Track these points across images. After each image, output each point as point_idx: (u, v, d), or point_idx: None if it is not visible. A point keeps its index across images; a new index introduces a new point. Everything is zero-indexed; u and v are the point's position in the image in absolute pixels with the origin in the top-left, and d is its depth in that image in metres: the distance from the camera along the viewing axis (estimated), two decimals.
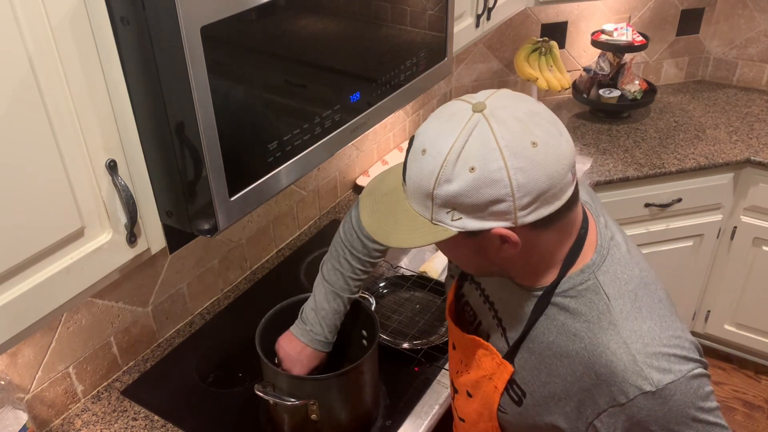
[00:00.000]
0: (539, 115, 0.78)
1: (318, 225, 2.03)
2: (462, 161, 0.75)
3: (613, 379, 0.82)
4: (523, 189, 0.75)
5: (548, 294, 0.87)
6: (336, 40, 1.14)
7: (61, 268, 0.90)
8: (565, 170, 0.77)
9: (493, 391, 0.97)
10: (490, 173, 0.74)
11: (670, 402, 0.80)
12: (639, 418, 0.82)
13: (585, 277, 0.86)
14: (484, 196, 0.75)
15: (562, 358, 0.87)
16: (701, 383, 0.83)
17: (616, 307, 0.84)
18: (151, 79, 0.88)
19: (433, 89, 2.48)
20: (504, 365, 0.94)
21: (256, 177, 1.04)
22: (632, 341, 0.82)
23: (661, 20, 2.71)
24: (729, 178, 2.33)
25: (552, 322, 0.88)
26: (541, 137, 0.75)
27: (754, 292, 2.48)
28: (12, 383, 1.26)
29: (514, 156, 0.74)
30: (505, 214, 0.76)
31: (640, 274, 0.88)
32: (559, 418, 0.90)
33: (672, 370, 0.81)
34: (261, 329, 1.27)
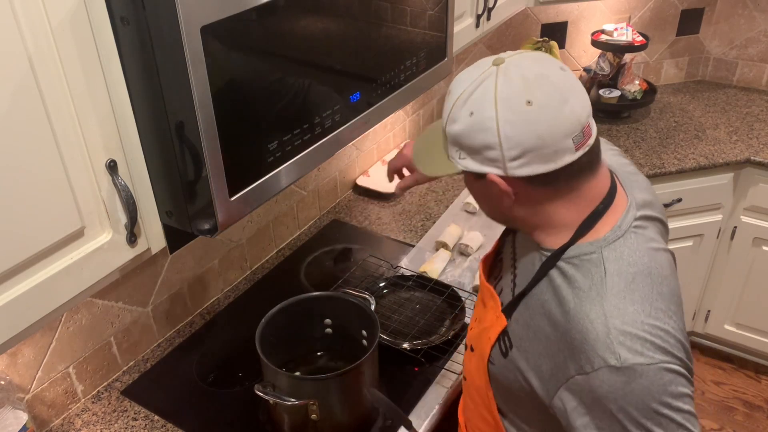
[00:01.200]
0: (547, 80, 0.82)
1: (318, 225, 2.03)
2: (466, 105, 0.84)
3: (584, 346, 0.83)
4: (510, 141, 0.81)
5: (555, 257, 0.90)
6: (336, 40, 1.14)
7: (61, 268, 0.90)
8: (560, 136, 0.81)
9: (487, 342, 1.00)
10: (483, 120, 0.82)
11: (633, 384, 0.80)
12: (600, 393, 0.82)
13: (591, 249, 0.88)
14: (478, 140, 0.83)
15: (548, 318, 0.89)
16: (675, 380, 0.81)
17: (609, 282, 0.85)
18: (151, 79, 0.88)
19: (433, 89, 2.48)
20: (500, 318, 0.98)
21: (256, 177, 1.04)
22: (612, 316, 0.82)
23: (661, 20, 2.71)
24: (729, 178, 2.33)
25: (550, 283, 0.90)
26: (539, 99, 0.81)
27: (754, 292, 2.48)
28: (12, 383, 1.26)
29: (507, 109, 0.81)
30: (496, 161, 0.84)
31: (650, 264, 0.88)
32: (534, 377, 0.92)
33: (643, 354, 0.80)
34: (261, 329, 1.27)
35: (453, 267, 1.79)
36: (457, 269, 1.78)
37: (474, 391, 1.11)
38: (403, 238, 1.94)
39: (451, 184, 2.20)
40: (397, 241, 1.93)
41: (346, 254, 1.87)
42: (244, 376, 1.48)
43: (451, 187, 2.19)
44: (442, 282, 1.68)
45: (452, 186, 2.19)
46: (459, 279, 1.74)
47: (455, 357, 1.48)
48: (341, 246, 1.91)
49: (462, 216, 2.02)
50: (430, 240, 1.91)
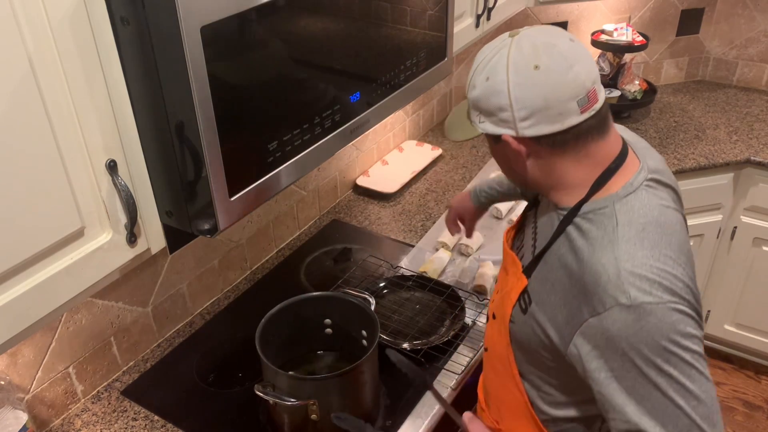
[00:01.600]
0: (555, 48, 0.90)
1: (318, 225, 2.03)
2: (484, 72, 0.94)
3: (596, 288, 0.88)
4: (519, 102, 0.90)
5: (572, 214, 0.97)
6: (336, 40, 1.14)
7: (61, 268, 0.90)
8: (564, 98, 0.89)
9: (509, 303, 1.06)
10: (496, 84, 0.92)
11: (643, 322, 0.84)
12: (611, 332, 0.87)
13: (604, 203, 0.94)
14: (492, 103, 0.93)
15: (563, 268, 0.95)
16: (683, 320, 0.86)
17: (621, 231, 0.91)
18: (151, 78, 0.88)
19: (433, 89, 2.48)
20: (521, 278, 1.04)
21: (256, 177, 1.04)
22: (623, 260, 0.88)
23: (661, 20, 2.71)
24: (729, 178, 2.33)
25: (566, 238, 0.96)
26: (546, 64, 0.89)
27: (754, 292, 2.48)
28: (12, 383, 1.26)
29: (516, 73, 0.90)
30: (508, 122, 0.92)
31: (660, 217, 0.93)
32: (551, 327, 0.97)
33: (652, 293, 0.85)
34: (261, 329, 1.27)
35: (453, 267, 1.79)
36: (457, 269, 1.78)
37: (495, 359, 1.16)
38: (403, 238, 1.94)
39: (451, 184, 2.20)
40: (397, 241, 1.93)
41: (346, 254, 1.87)
42: (244, 376, 1.48)
43: (451, 187, 2.19)
44: (442, 282, 1.68)
45: (452, 186, 2.19)
46: (459, 279, 1.74)
47: (455, 357, 1.48)
48: (341, 246, 1.91)
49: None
50: (430, 240, 1.91)
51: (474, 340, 1.53)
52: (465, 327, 1.56)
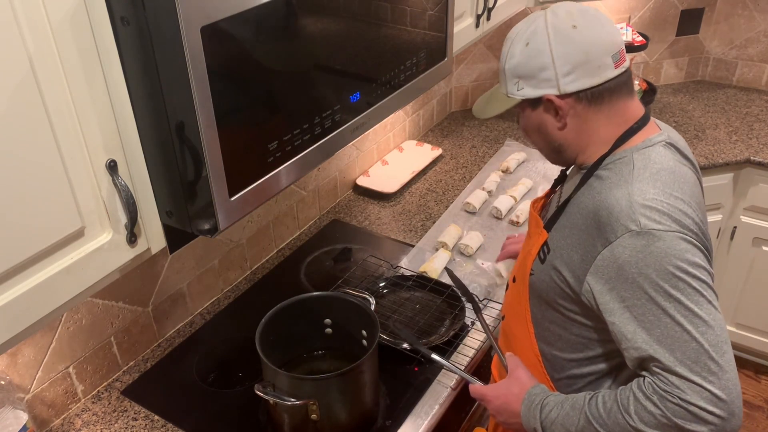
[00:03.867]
0: (587, 11, 1.00)
1: (318, 225, 2.03)
2: (522, 39, 1.02)
3: (609, 219, 0.95)
4: (561, 58, 0.98)
5: (593, 168, 1.04)
6: (336, 40, 1.14)
7: (62, 268, 0.90)
8: (601, 53, 0.98)
9: (529, 258, 1.12)
10: (537, 45, 1.00)
11: (652, 247, 0.90)
12: (622, 259, 0.92)
13: (623, 154, 1.02)
14: (535, 64, 1.00)
15: (581, 212, 1.02)
16: (691, 249, 0.91)
17: (636, 173, 0.98)
18: (151, 79, 0.88)
19: (433, 89, 2.48)
20: (542, 233, 1.10)
21: (256, 177, 1.04)
22: (635, 194, 0.94)
23: (661, 20, 2.71)
24: (729, 178, 2.33)
25: (587, 188, 1.03)
26: (581, 23, 0.98)
27: (754, 292, 2.48)
28: (12, 383, 1.26)
29: (556, 33, 0.99)
30: (550, 80, 1.00)
31: (674, 167, 1.00)
32: (567, 269, 1.03)
33: (661, 222, 0.91)
34: (261, 329, 1.27)
35: (453, 267, 1.79)
36: (457, 269, 1.78)
37: (513, 323, 1.21)
38: (403, 238, 1.94)
39: (451, 185, 2.20)
40: (397, 241, 1.93)
41: (346, 254, 1.87)
42: (244, 376, 1.48)
43: (451, 187, 2.19)
44: (442, 282, 1.68)
45: (452, 186, 2.19)
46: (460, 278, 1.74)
47: (455, 357, 1.48)
48: (341, 246, 1.91)
49: (462, 216, 2.02)
50: (430, 240, 1.91)
51: (474, 340, 1.53)
52: (465, 327, 1.56)
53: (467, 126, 2.59)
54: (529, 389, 1.10)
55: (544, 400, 1.06)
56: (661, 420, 0.91)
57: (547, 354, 1.15)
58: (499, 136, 2.50)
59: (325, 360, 1.44)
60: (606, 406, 0.97)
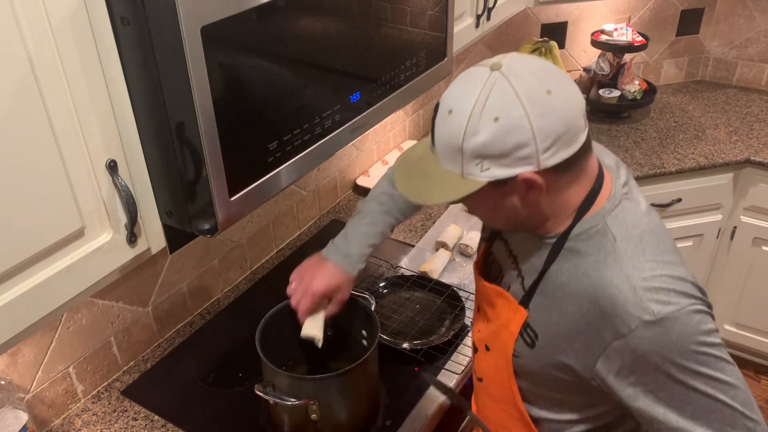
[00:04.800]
0: (550, 69, 0.87)
1: (318, 225, 2.03)
2: (486, 113, 0.83)
3: (615, 311, 0.86)
4: (543, 132, 0.83)
5: (562, 239, 0.94)
6: (336, 40, 1.14)
7: (62, 268, 0.90)
8: (578, 115, 0.86)
9: (509, 337, 1.02)
10: (512, 120, 0.83)
11: (671, 332, 0.84)
12: (642, 350, 0.85)
13: (595, 221, 0.92)
14: (510, 142, 0.83)
15: (571, 297, 0.92)
16: (703, 319, 0.87)
17: (621, 246, 0.90)
18: (151, 79, 0.88)
19: (433, 89, 2.48)
20: (519, 310, 1.00)
21: (256, 177, 1.04)
22: (633, 276, 0.87)
23: (661, 20, 2.71)
24: (729, 178, 2.33)
25: (564, 264, 0.94)
26: (555, 86, 0.84)
27: (754, 292, 2.48)
28: (12, 383, 1.26)
29: (533, 103, 0.83)
30: (529, 158, 0.84)
31: (649, 223, 0.94)
32: (569, 357, 0.94)
33: (672, 302, 0.85)
34: (261, 329, 1.27)
35: (453, 267, 1.79)
36: (457, 269, 1.78)
37: (495, 390, 1.12)
38: (403, 238, 1.94)
39: None
40: (397, 241, 1.93)
41: None
42: (244, 376, 1.48)
43: None
44: (442, 282, 1.68)
45: None
46: (459, 279, 1.74)
47: (455, 357, 1.48)
48: None
49: (462, 216, 2.02)
50: (430, 240, 1.91)
51: None
52: (465, 327, 1.56)
53: None
54: None
55: None
56: None
57: (536, 416, 1.08)
58: None
59: (325, 360, 1.44)
60: None
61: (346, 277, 1.26)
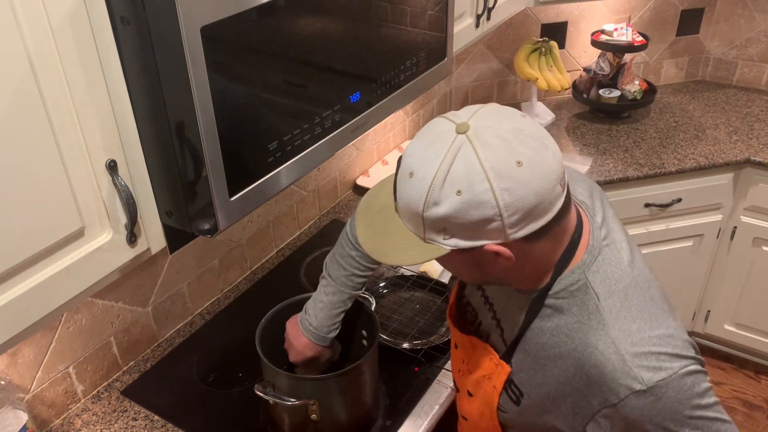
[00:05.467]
0: (523, 132, 0.77)
1: (318, 225, 2.03)
2: (448, 184, 0.76)
3: (603, 379, 0.83)
4: (511, 208, 0.75)
5: (542, 296, 0.88)
6: (336, 40, 1.14)
7: (62, 268, 0.90)
8: (553, 184, 0.77)
9: (492, 390, 0.99)
10: (476, 195, 0.75)
11: (663, 400, 0.81)
12: (633, 418, 0.82)
13: (576, 277, 0.86)
14: (473, 216, 0.76)
15: (555, 359, 0.88)
16: (696, 380, 0.83)
17: (605, 306, 0.84)
18: (151, 79, 0.88)
19: (433, 89, 2.48)
20: (501, 365, 0.96)
21: (256, 177, 1.04)
22: (621, 341, 0.82)
23: (661, 20, 2.71)
24: (729, 178, 2.33)
25: (545, 323, 0.89)
26: (526, 155, 0.75)
27: (754, 292, 2.48)
28: (12, 383, 1.26)
29: (499, 177, 0.74)
30: (496, 231, 0.77)
31: (632, 273, 0.88)
32: (556, 418, 0.91)
33: (663, 368, 0.81)
34: (261, 329, 1.27)
35: None
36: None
37: (481, 429, 1.09)
38: None
39: None
40: None
41: None
42: (244, 376, 1.48)
43: None
44: (442, 282, 1.68)
45: None
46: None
47: None
48: None
49: None
50: None
51: None
52: None
53: None
54: None
55: None
56: None
57: None
58: None
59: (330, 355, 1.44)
60: None
61: (320, 348, 1.28)
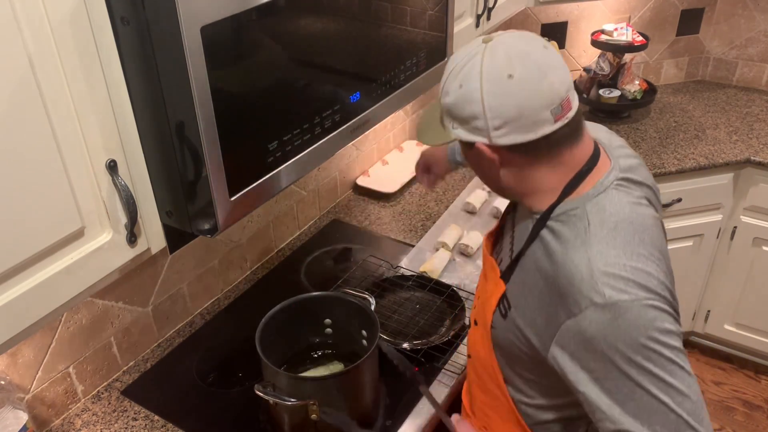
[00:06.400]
0: (529, 56, 0.89)
1: (318, 225, 2.03)
2: (454, 78, 0.92)
3: (570, 289, 0.88)
4: (493, 111, 0.88)
5: (545, 217, 0.96)
6: (336, 40, 1.14)
7: (62, 268, 0.90)
8: (539, 107, 0.88)
9: (489, 309, 1.06)
10: (469, 92, 0.90)
11: (620, 320, 0.84)
12: (588, 333, 0.86)
13: (575, 205, 0.94)
14: (466, 110, 0.91)
15: (539, 272, 0.95)
16: (659, 316, 0.85)
17: (593, 231, 0.91)
18: (151, 79, 0.88)
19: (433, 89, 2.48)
20: (499, 284, 1.03)
21: (256, 177, 1.04)
22: (595, 260, 0.87)
23: (661, 20, 2.71)
24: (729, 178, 2.33)
25: (541, 242, 0.96)
26: (520, 73, 0.87)
27: (754, 292, 2.48)
28: (12, 383, 1.26)
29: (489, 82, 0.88)
30: (482, 130, 0.91)
31: (631, 215, 0.93)
32: (531, 332, 0.96)
33: (627, 292, 0.85)
34: (261, 329, 1.27)
35: (453, 267, 1.79)
36: (457, 269, 1.78)
37: (479, 365, 1.15)
38: (403, 238, 1.94)
39: (451, 184, 2.20)
40: (397, 241, 1.93)
41: (346, 254, 1.87)
42: (244, 376, 1.48)
43: (451, 187, 2.19)
44: (442, 282, 1.68)
45: (452, 186, 2.19)
46: (459, 279, 1.74)
47: (455, 357, 1.48)
48: (341, 246, 1.91)
49: (462, 216, 2.02)
50: (430, 240, 1.91)
51: None
52: (465, 327, 1.56)
53: None
54: None
55: None
56: None
57: (514, 398, 1.10)
58: None
59: (326, 360, 1.44)
60: None
61: (442, 154, 1.49)
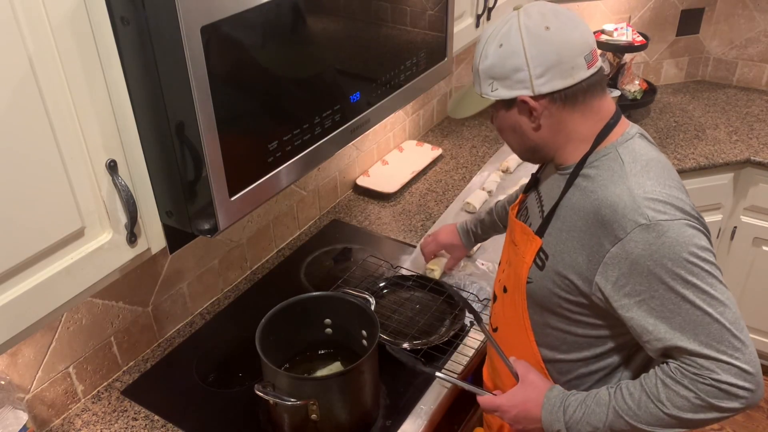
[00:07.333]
0: (560, 12, 1.01)
1: (318, 225, 2.03)
2: (495, 41, 1.02)
3: (614, 216, 0.96)
4: (534, 60, 0.98)
5: (578, 167, 1.05)
6: (336, 40, 1.14)
7: (62, 268, 0.90)
8: (575, 54, 0.98)
9: (524, 267, 1.12)
10: (511, 47, 1.00)
11: (664, 237, 0.92)
12: (636, 254, 0.94)
13: (607, 150, 1.03)
14: (508, 65, 1.00)
15: (579, 212, 1.02)
16: (697, 235, 0.94)
17: (627, 167, 1.00)
18: (151, 79, 0.88)
19: (433, 89, 2.48)
20: (534, 239, 1.10)
21: (256, 177, 1.04)
22: (635, 188, 0.96)
23: (661, 20, 2.71)
24: (729, 178, 2.33)
25: (576, 189, 1.04)
26: (555, 24, 0.99)
27: (754, 292, 2.48)
28: (12, 383, 1.26)
29: (530, 35, 0.99)
30: (525, 81, 1.00)
31: (659, 157, 1.03)
32: (572, 273, 1.03)
33: (667, 212, 0.94)
34: (261, 329, 1.27)
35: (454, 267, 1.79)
36: (457, 270, 1.78)
37: (509, 334, 1.20)
38: (403, 238, 1.94)
39: (451, 184, 2.20)
40: (397, 241, 1.93)
41: (346, 254, 1.87)
42: (244, 376, 1.48)
43: (451, 187, 2.19)
44: (443, 282, 1.68)
45: (452, 186, 2.19)
46: (459, 279, 1.74)
47: (455, 357, 1.48)
48: (341, 246, 1.91)
49: (462, 216, 2.02)
50: None
51: (474, 340, 1.53)
52: (465, 327, 1.56)
53: (467, 126, 2.59)
54: (547, 393, 1.09)
55: (565, 401, 1.06)
56: (695, 402, 0.94)
57: (550, 358, 1.15)
58: (499, 136, 2.50)
59: (326, 360, 1.44)
60: (634, 398, 0.99)
61: (459, 241, 1.64)
